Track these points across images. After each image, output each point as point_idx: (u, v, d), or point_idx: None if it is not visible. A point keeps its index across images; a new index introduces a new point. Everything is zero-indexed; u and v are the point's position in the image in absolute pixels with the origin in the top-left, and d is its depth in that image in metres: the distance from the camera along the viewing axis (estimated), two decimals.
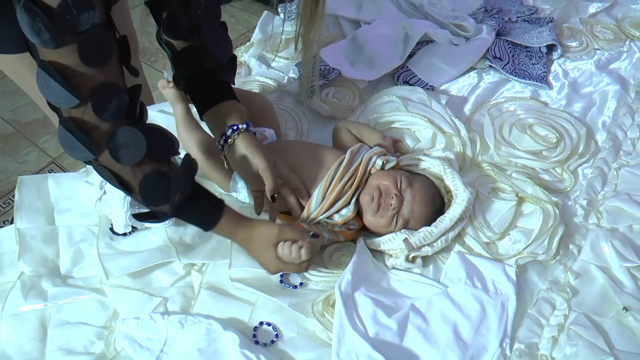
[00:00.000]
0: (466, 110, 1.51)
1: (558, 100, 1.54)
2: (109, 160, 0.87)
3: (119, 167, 0.88)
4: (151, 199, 0.93)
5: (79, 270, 1.12)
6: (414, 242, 1.10)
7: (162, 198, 0.93)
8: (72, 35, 0.77)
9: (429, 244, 1.12)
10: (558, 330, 1.03)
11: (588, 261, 1.14)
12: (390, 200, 1.13)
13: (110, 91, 0.84)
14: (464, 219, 1.15)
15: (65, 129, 0.84)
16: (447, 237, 1.13)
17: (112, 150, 0.86)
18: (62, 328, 1.03)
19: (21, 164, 2.27)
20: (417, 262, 1.12)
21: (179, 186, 0.93)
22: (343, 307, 1.01)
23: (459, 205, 1.14)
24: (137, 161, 0.88)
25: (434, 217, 1.15)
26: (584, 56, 1.68)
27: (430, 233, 1.11)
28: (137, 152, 0.87)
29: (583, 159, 1.37)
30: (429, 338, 1.00)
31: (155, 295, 1.07)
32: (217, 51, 1.09)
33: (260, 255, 1.04)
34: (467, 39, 1.67)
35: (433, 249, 1.12)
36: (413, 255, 1.11)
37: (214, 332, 1.00)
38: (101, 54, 0.82)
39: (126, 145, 0.86)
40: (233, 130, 1.07)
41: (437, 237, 1.12)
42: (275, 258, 1.02)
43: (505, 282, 1.08)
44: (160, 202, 0.94)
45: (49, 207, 1.20)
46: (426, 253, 1.12)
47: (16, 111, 2.46)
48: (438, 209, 1.17)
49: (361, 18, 1.78)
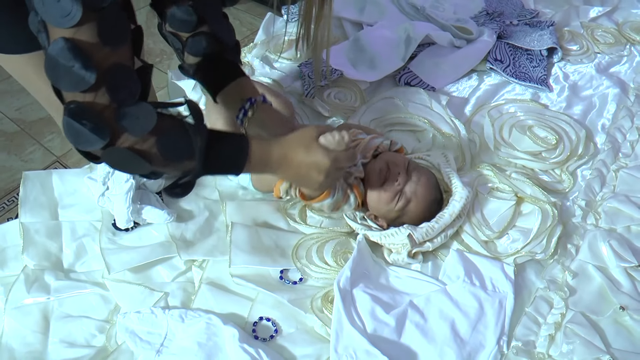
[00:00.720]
0: (466, 111, 1.52)
1: (558, 103, 1.55)
2: (122, 139, 0.83)
3: (133, 140, 0.84)
4: (174, 155, 0.88)
5: (82, 265, 1.13)
6: (417, 238, 1.11)
7: (185, 149, 0.87)
8: (95, 11, 0.75)
9: (430, 239, 1.13)
10: (555, 328, 1.04)
11: (586, 261, 1.15)
12: (397, 176, 1.15)
13: (125, 73, 0.82)
14: (462, 216, 1.16)
15: (73, 117, 0.80)
16: (446, 234, 1.14)
17: (123, 126, 0.82)
18: (64, 321, 1.04)
19: (26, 162, 2.28)
20: (419, 257, 1.13)
21: (195, 130, 0.89)
22: (341, 303, 1.02)
23: (457, 202, 1.15)
24: (151, 128, 0.83)
25: (433, 207, 1.17)
26: (584, 59, 1.69)
27: (432, 228, 1.12)
28: (149, 119, 0.83)
29: (582, 160, 1.38)
30: (426, 334, 1.01)
31: (156, 290, 1.08)
32: (223, 37, 1.10)
33: (308, 156, 0.97)
34: (469, 41, 1.68)
35: (433, 245, 1.14)
36: (415, 251, 1.12)
37: (214, 326, 1.01)
38: (119, 34, 0.80)
39: (136, 117, 0.83)
40: (251, 103, 1.07)
41: (438, 233, 1.13)
42: (324, 150, 0.97)
43: (504, 280, 1.09)
44: (184, 154, 0.88)
45: (52, 202, 1.21)
46: (427, 249, 1.13)
47: (21, 110, 2.47)
48: (437, 200, 1.19)
49: (363, 20, 1.79)
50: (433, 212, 1.17)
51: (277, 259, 1.13)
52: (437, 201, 1.19)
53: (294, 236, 1.18)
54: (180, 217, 1.19)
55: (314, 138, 0.98)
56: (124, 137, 0.83)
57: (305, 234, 1.18)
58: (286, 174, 1.01)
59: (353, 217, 1.18)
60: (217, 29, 1.08)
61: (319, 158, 0.97)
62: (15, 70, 1.35)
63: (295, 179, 1.04)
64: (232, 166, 0.94)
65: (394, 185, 1.14)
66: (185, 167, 0.90)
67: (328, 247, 1.15)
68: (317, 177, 0.98)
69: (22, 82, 1.39)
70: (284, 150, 0.97)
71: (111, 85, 0.80)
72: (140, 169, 0.88)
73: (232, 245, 1.12)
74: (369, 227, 1.16)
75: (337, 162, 0.99)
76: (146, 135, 0.84)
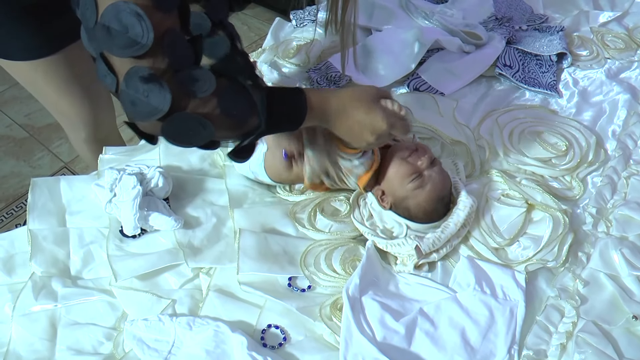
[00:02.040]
0: (475, 117, 1.51)
1: (568, 109, 1.53)
2: (183, 103, 0.82)
3: (195, 104, 0.82)
4: (237, 113, 0.87)
5: (89, 272, 1.13)
6: (423, 249, 1.10)
7: (247, 106, 0.87)
8: None
9: (436, 250, 1.12)
10: (566, 337, 1.03)
11: (597, 269, 1.14)
12: (423, 158, 1.15)
13: (178, 38, 0.81)
14: (466, 225, 1.15)
15: (131, 84, 0.78)
16: (451, 244, 1.14)
17: (185, 91, 0.81)
18: (71, 328, 1.04)
19: (34, 168, 2.29)
20: (424, 268, 1.12)
21: (253, 86, 0.88)
22: (350, 311, 1.01)
23: (461, 210, 1.14)
24: (211, 91, 0.83)
25: (439, 206, 1.17)
26: (594, 65, 1.68)
27: (439, 239, 1.11)
28: (209, 81, 0.82)
29: (592, 167, 1.36)
30: (436, 342, 1.00)
31: (164, 297, 1.08)
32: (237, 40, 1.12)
33: (367, 115, 0.99)
34: (478, 46, 1.67)
35: (439, 255, 1.13)
36: (421, 262, 1.11)
37: (222, 334, 1.00)
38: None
39: (195, 80, 0.82)
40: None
41: (444, 243, 1.13)
42: (384, 113, 0.99)
43: (515, 288, 1.07)
44: (247, 112, 0.88)
45: (60, 208, 1.21)
46: (433, 259, 1.12)
47: (30, 116, 2.49)
48: (445, 203, 1.18)
49: (372, 25, 1.78)
50: (438, 212, 1.17)
51: (286, 266, 1.12)
52: (445, 203, 1.18)
53: (302, 242, 1.17)
54: (188, 223, 1.18)
55: (375, 98, 0.99)
56: (186, 101, 0.82)
57: (314, 240, 1.17)
58: (340, 128, 1.02)
59: (361, 220, 1.18)
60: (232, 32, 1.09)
61: (378, 120, 0.99)
62: (23, 77, 1.35)
63: (346, 134, 1.04)
64: (295, 118, 0.95)
65: (417, 163, 1.15)
66: (249, 125, 0.89)
67: (336, 255, 1.14)
68: (368, 137, 1.01)
69: (30, 89, 1.40)
70: (344, 103, 0.98)
71: (167, 50, 0.78)
72: (203, 135, 0.86)
73: (240, 252, 1.11)
74: (376, 232, 1.16)
75: (392, 129, 1.01)
76: (208, 97, 0.83)
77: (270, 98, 0.89)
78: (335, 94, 0.99)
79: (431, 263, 1.13)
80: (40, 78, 1.32)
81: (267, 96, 0.89)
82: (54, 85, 1.34)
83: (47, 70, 1.30)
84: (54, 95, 1.38)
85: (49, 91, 1.37)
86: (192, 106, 0.82)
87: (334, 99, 0.98)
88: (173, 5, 0.80)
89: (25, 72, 1.32)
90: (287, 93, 0.95)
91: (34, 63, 1.27)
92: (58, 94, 1.38)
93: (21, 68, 1.30)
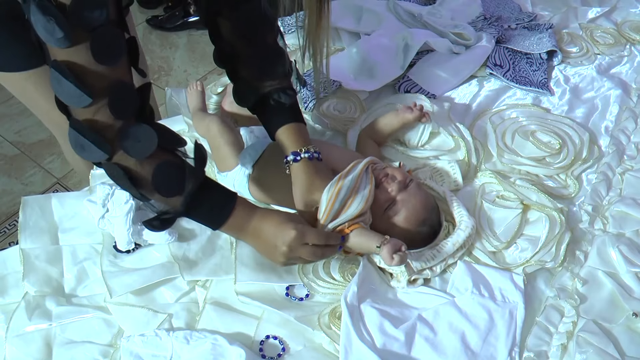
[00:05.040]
0: (468, 118, 1.50)
1: (560, 106, 1.53)
2: (121, 157, 0.89)
3: (132, 162, 0.90)
4: (164, 188, 0.93)
5: (83, 289, 1.12)
6: (415, 267, 1.09)
7: (176, 186, 0.94)
8: (85, 32, 0.77)
9: (430, 267, 1.11)
10: (567, 337, 1.02)
11: (595, 267, 1.13)
12: (393, 184, 1.13)
13: (122, 90, 0.85)
14: (465, 246, 1.14)
15: (76, 130, 0.85)
16: (446, 262, 1.12)
17: (124, 147, 0.87)
18: (67, 347, 1.03)
19: (26, 185, 2.28)
20: (418, 282, 1.11)
21: (192, 172, 0.95)
22: (349, 319, 1.01)
23: (462, 231, 1.13)
24: (149, 153, 0.89)
25: (423, 229, 1.13)
26: (584, 61, 1.68)
27: (433, 257, 1.11)
28: (149, 144, 0.89)
29: (587, 164, 1.36)
30: (436, 348, 0.99)
31: (160, 312, 1.07)
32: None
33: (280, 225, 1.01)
34: (467, 47, 1.67)
35: (433, 273, 1.11)
36: (414, 278, 1.10)
37: (220, 347, 0.99)
38: (113, 52, 0.82)
39: (137, 140, 0.88)
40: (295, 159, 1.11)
41: (439, 262, 1.11)
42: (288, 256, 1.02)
43: (513, 290, 1.07)
44: (174, 190, 0.94)
45: (52, 226, 1.21)
46: (426, 276, 1.11)
47: (21, 133, 2.47)
48: (432, 224, 1.14)
49: (361, 30, 1.78)
50: (424, 235, 1.14)
51: (283, 275, 1.12)
52: (431, 225, 1.14)
53: None
54: (182, 236, 1.18)
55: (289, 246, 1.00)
56: (123, 156, 0.89)
57: None
58: (255, 245, 1.06)
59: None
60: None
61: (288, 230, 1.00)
62: (15, 87, 1.35)
63: (262, 252, 1.07)
64: (212, 218, 1.01)
65: (387, 191, 1.12)
66: (171, 203, 0.96)
67: (335, 262, 1.14)
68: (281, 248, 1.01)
69: (22, 99, 1.39)
70: (256, 231, 1.02)
71: (111, 102, 0.84)
72: (130, 190, 0.93)
73: (237, 262, 1.11)
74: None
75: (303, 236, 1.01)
76: (145, 161, 0.89)
77: (201, 189, 0.96)
78: (260, 216, 1.03)
79: (426, 279, 1.12)
80: (31, 88, 1.32)
81: (200, 186, 0.96)
82: (46, 95, 1.34)
83: (38, 81, 1.29)
84: (46, 105, 1.38)
85: (41, 101, 1.37)
86: (129, 163, 0.90)
87: (255, 220, 1.02)
88: (118, 57, 0.84)
89: (16, 82, 1.32)
90: (218, 194, 1.02)
91: (25, 74, 1.27)
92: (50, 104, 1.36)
93: (12, 79, 1.29)
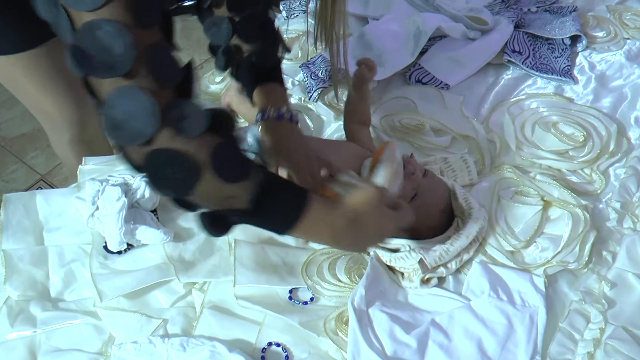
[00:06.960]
0: (484, 109, 1.51)
1: (584, 96, 1.53)
2: (167, 137, 0.76)
3: (181, 143, 0.77)
4: (229, 171, 0.82)
5: (71, 293, 1.12)
6: (429, 263, 1.09)
7: (241, 168, 0.84)
8: None
9: (444, 264, 1.11)
10: (594, 345, 1.02)
11: (624, 269, 1.13)
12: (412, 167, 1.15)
13: (166, 51, 0.78)
14: (478, 240, 1.14)
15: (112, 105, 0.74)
16: (461, 258, 1.12)
17: (171, 121, 0.76)
18: (53, 356, 1.03)
19: (7, 183, 2.28)
20: (432, 282, 1.11)
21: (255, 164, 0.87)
22: (357, 324, 1.01)
23: (474, 222, 1.14)
24: (201, 131, 0.78)
25: (444, 212, 1.17)
26: (612, 47, 1.67)
27: (447, 252, 1.10)
28: (200, 122, 0.77)
29: (614, 158, 1.36)
30: (451, 355, 0.99)
31: (154, 317, 1.07)
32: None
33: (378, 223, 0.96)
34: (484, 32, 1.67)
35: (448, 271, 1.12)
36: (428, 277, 1.11)
37: (219, 354, 0.99)
38: (153, 11, 0.75)
39: (186, 116, 0.77)
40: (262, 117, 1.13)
41: (453, 257, 1.12)
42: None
43: (534, 293, 1.07)
44: (240, 174, 0.83)
45: (37, 226, 1.21)
46: (441, 274, 1.11)
47: (1, 126, 2.47)
48: (449, 211, 1.18)
49: (369, 14, 1.78)
50: (443, 221, 1.17)
51: (286, 277, 1.12)
52: (449, 213, 1.19)
53: (302, 252, 1.16)
54: (178, 236, 1.18)
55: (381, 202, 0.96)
56: (169, 137, 0.76)
57: (315, 250, 1.17)
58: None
59: None
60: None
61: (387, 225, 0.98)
62: (2, 73, 1.34)
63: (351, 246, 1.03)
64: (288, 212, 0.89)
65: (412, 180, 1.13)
66: (234, 193, 0.84)
67: (340, 263, 1.14)
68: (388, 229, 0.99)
69: (9, 86, 1.39)
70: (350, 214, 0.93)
71: (153, 67, 0.74)
72: (183, 184, 0.80)
73: (236, 263, 1.11)
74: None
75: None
76: (197, 142, 0.78)
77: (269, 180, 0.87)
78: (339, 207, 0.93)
79: (441, 278, 1.13)
80: (19, 74, 1.31)
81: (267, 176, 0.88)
82: (35, 81, 1.33)
83: (27, 65, 1.29)
84: (35, 92, 1.37)
85: (30, 88, 1.36)
86: (179, 145, 0.77)
87: (338, 212, 0.92)
88: (156, 18, 0.77)
89: (2, 67, 1.31)
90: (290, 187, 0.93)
91: (12, 57, 1.26)
92: (39, 91, 1.37)
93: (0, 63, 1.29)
